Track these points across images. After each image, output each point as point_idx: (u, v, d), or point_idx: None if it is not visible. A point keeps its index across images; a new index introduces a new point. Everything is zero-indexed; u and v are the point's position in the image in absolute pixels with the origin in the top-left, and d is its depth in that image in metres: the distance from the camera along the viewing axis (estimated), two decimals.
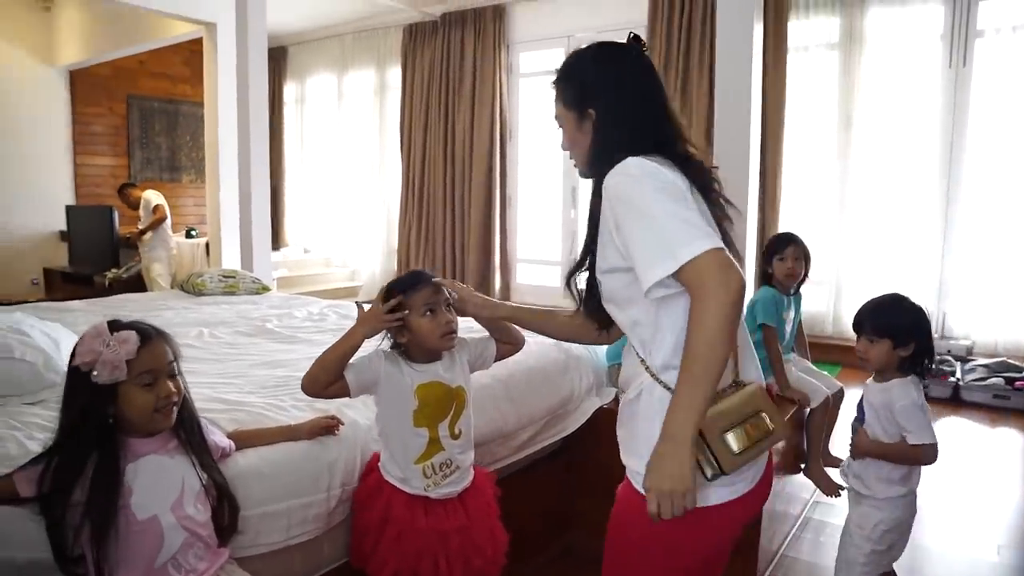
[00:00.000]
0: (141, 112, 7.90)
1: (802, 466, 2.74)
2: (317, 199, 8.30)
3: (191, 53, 7.46)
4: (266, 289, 4.02)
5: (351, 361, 1.75)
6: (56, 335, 2.34)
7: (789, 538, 2.64)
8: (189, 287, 3.87)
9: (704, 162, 1.35)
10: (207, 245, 6.21)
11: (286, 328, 3.04)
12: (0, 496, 1.38)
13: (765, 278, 2.82)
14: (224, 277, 3.91)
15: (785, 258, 2.75)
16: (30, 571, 1.30)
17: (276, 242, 8.34)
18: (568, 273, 1.49)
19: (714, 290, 1.12)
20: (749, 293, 2.99)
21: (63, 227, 7.14)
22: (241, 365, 2.50)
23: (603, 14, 5.85)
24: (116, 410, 1.38)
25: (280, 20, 7.14)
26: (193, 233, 7.17)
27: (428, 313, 1.74)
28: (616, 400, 2.68)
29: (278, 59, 8.32)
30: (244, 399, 2.05)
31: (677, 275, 1.15)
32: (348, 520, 1.84)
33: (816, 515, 2.86)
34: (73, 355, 1.38)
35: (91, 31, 6.82)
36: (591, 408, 2.56)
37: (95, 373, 1.33)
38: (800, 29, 5.25)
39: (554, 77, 1.43)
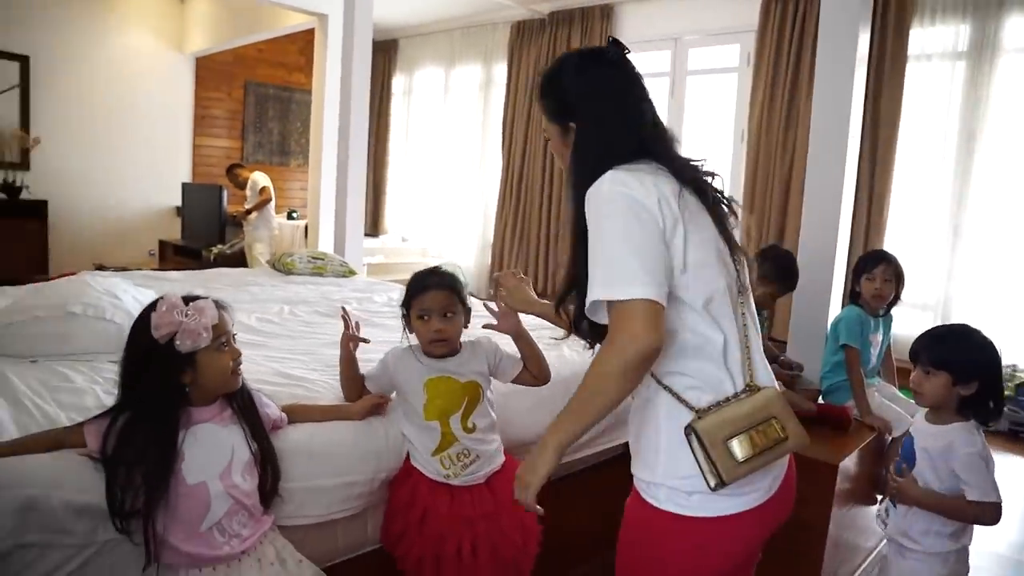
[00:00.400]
0: (257, 98, 8.23)
1: (878, 497, 2.57)
2: (419, 190, 8.42)
3: (306, 43, 7.73)
4: (352, 273, 4.11)
5: (369, 373, 1.91)
6: (145, 300, 2.45)
7: (858, 573, 2.48)
8: (280, 266, 4.00)
9: (697, 163, 1.30)
10: (306, 228, 6.41)
11: (363, 312, 3.09)
12: (70, 444, 1.46)
13: (852, 297, 2.67)
14: (313, 258, 4.03)
15: (874, 278, 2.59)
16: (86, 514, 1.37)
17: (376, 229, 8.56)
18: (558, 299, 1.45)
19: (622, 343, 1.12)
20: (835, 310, 2.84)
21: (179, 203, 7.53)
22: (312, 343, 2.55)
23: (713, 16, 5.69)
24: (191, 376, 1.45)
25: (393, 13, 7.29)
26: (294, 215, 7.44)
27: (423, 317, 1.81)
28: None
29: (389, 51, 8.49)
30: (307, 375, 2.10)
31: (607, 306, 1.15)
32: None
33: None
34: (143, 327, 1.43)
35: (217, 21, 7.17)
36: None
37: (178, 342, 1.40)
38: (922, 37, 4.91)
39: (538, 91, 1.39)
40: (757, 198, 5.44)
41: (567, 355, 2.42)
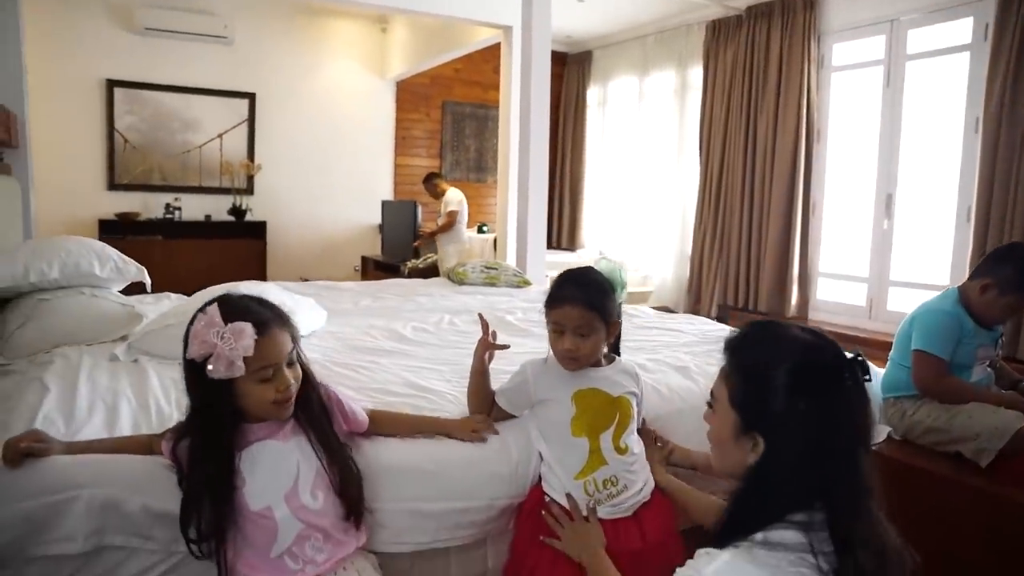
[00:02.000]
0: (454, 117, 8.44)
1: None
2: (616, 202, 8.24)
3: (499, 61, 7.80)
4: (526, 283, 3.97)
5: (502, 388, 1.72)
6: (292, 305, 2.43)
7: None
8: (453, 276, 3.94)
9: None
10: (495, 240, 6.42)
11: (524, 322, 2.92)
12: (157, 450, 1.39)
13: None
14: (486, 268, 3.93)
15: None
16: (166, 521, 1.32)
17: (572, 243, 8.48)
18: None
19: None
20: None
21: (380, 220, 7.86)
22: (459, 353, 2.41)
23: None
24: (232, 400, 1.33)
25: (586, 24, 7.18)
26: (484, 229, 7.51)
27: (557, 331, 1.64)
28: (889, 439, 2.17)
29: (583, 63, 8.41)
30: (436, 387, 1.95)
31: None
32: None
33: None
34: (186, 344, 1.32)
35: (414, 45, 7.45)
36: None
37: (210, 368, 1.26)
38: None
39: (729, 347, 1.21)
40: (996, 199, 4.65)
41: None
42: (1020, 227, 4.54)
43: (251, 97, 7.29)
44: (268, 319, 1.34)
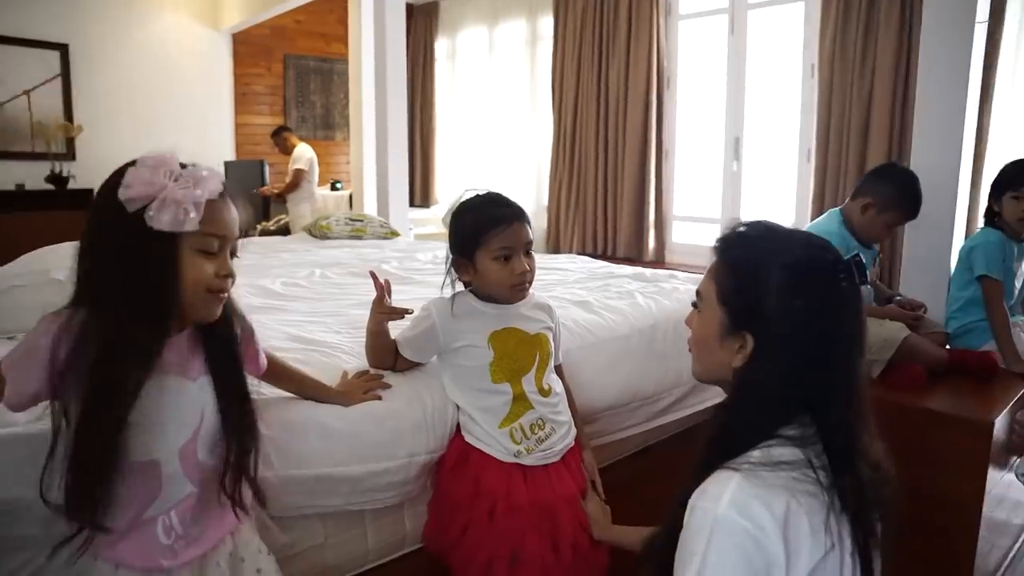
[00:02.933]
0: (297, 71, 7.99)
1: (1014, 459, 2.13)
2: (469, 157, 8.10)
3: (345, 12, 7.42)
4: (395, 234, 3.81)
5: (406, 336, 1.55)
6: None
7: (1011, 557, 2.06)
8: (316, 231, 3.72)
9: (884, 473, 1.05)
10: (351, 197, 6.17)
11: (403, 270, 2.78)
12: None
13: (988, 218, 2.23)
14: (351, 220, 3.74)
15: (1022, 196, 2.13)
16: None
17: (426, 200, 8.29)
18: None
19: None
20: (961, 234, 2.40)
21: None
22: (340, 304, 2.25)
23: None
24: (172, 272, 1.03)
25: None
26: (338, 186, 7.21)
27: (502, 259, 1.48)
28: None
29: (430, 15, 8.17)
30: (328, 339, 1.79)
31: None
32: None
33: None
34: (112, 188, 1.01)
35: None
36: None
37: (150, 213, 0.98)
38: None
39: (720, 246, 1.13)
40: (832, 139, 4.92)
41: (642, 303, 2.05)
42: (855, 165, 4.83)
43: (63, 49, 6.49)
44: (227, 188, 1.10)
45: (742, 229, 1.13)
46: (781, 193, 5.37)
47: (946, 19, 2.38)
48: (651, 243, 6.23)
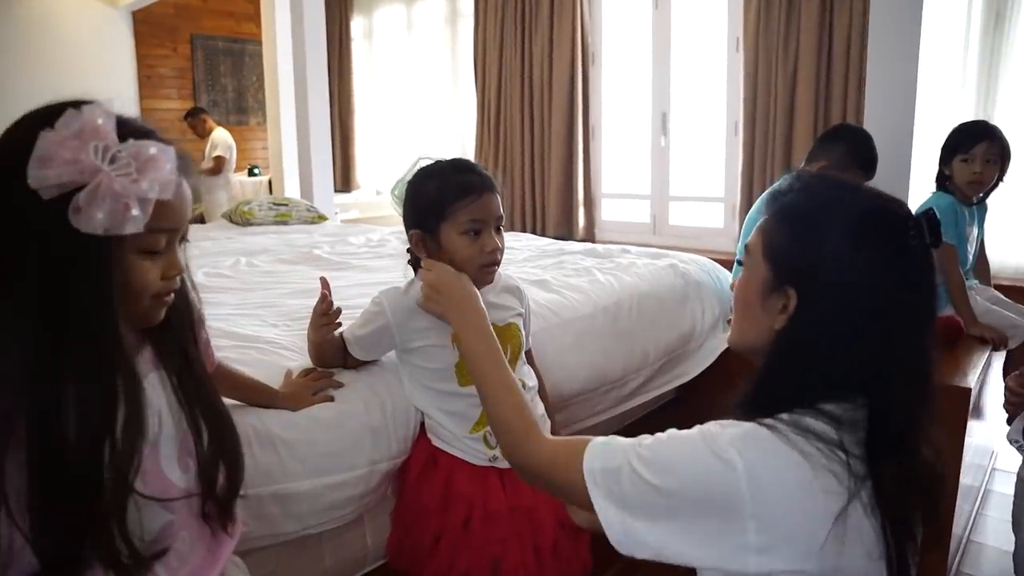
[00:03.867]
0: (206, 52, 7.59)
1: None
2: (390, 138, 7.87)
3: None
4: (323, 218, 3.61)
5: (355, 335, 1.36)
6: None
7: (972, 519, 2.05)
8: (237, 217, 3.49)
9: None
10: (270, 183, 5.90)
11: (336, 255, 2.62)
12: None
13: (940, 182, 2.20)
14: (275, 205, 3.53)
15: (973, 159, 2.11)
16: None
17: (348, 184, 8.03)
18: None
19: None
20: (914, 200, 2.37)
21: None
22: (272, 294, 2.07)
23: None
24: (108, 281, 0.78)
25: None
26: (256, 172, 6.89)
27: (471, 233, 1.30)
28: None
29: None
30: (263, 334, 1.61)
31: None
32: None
33: (997, 487, 2.25)
34: (17, 157, 0.75)
35: None
36: (717, 348, 2.04)
37: (77, 206, 0.72)
38: None
39: (772, 196, 1.00)
40: (759, 113, 4.93)
41: (603, 280, 1.94)
42: (782, 137, 4.86)
43: None
44: (184, 157, 0.86)
45: (799, 176, 1.00)
46: (710, 167, 5.37)
47: None
48: (581, 221, 6.16)
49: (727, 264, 2.65)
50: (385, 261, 2.39)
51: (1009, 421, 1.49)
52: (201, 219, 6.01)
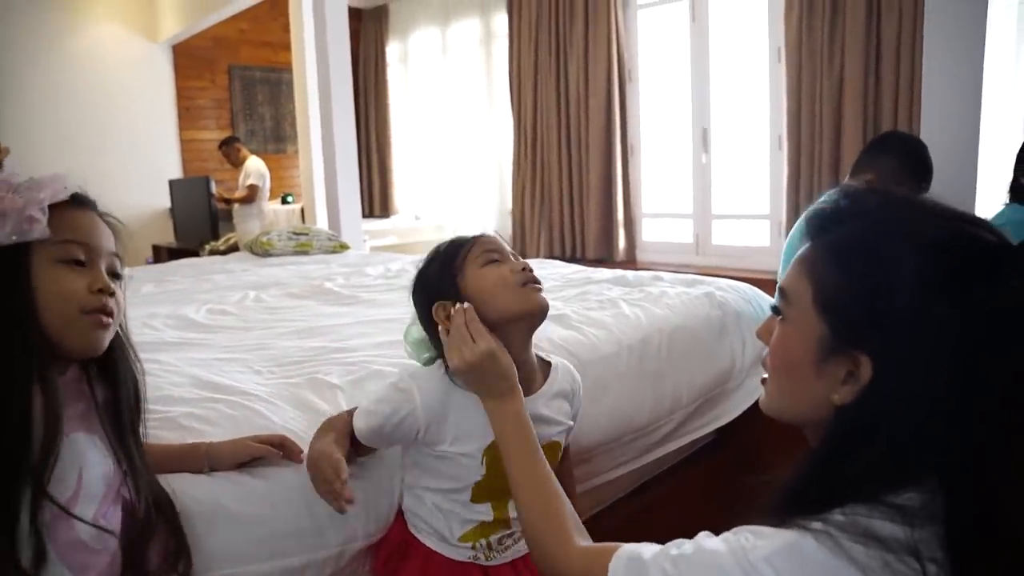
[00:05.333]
0: (243, 83, 7.64)
1: None
2: (427, 162, 7.83)
3: (289, 18, 7.12)
4: (344, 247, 3.49)
5: (370, 425, 1.14)
6: None
7: None
8: (257, 248, 3.39)
9: None
10: (302, 211, 5.86)
11: (347, 288, 2.48)
12: None
13: (1014, 192, 1.99)
14: (295, 235, 3.41)
15: None
16: None
17: (386, 210, 8.00)
18: None
19: None
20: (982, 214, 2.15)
21: (169, 203, 6.99)
22: (267, 334, 1.93)
23: None
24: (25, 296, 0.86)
25: None
26: (289, 199, 6.88)
27: (492, 263, 1.11)
28: None
29: (379, 18, 7.90)
30: (243, 383, 1.45)
31: None
32: None
33: None
34: None
35: (186, 1, 6.59)
36: (760, 387, 1.83)
37: None
38: None
39: (816, 223, 0.80)
40: (804, 125, 4.71)
41: (628, 314, 1.76)
42: (829, 150, 4.62)
43: None
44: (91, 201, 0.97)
45: (848, 196, 0.78)
46: (754, 183, 5.15)
47: None
48: (621, 242, 5.98)
49: (774, 287, 2.44)
50: (398, 294, 2.24)
51: None
52: (235, 249, 5.99)
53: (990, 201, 2.22)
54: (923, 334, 0.68)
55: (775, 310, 0.82)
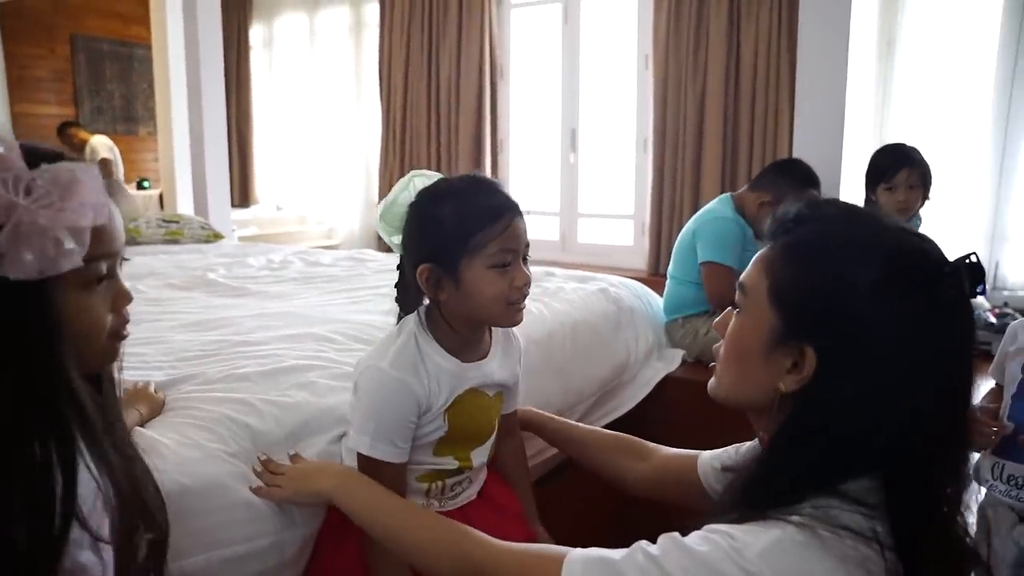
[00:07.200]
0: (89, 55, 7.09)
1: None
2: (290, 151, 7.58)
3: None
4: (218, 237, 3.35)
5: (376, 431, 1.11)
6: None
7: None
8: None
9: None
10: (160, 197, 5.53)
11: (234, 279, 2.38)
12: None
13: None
14: (165, 222, 3.24)
15: (895, 187, 2.10)
16: None
17: (246, 199, 7.67)
18: None
19: None
20: None
21: None
22: (158, 327, 1.83)
23: None
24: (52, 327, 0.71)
25: None
26: (146, 184, 6.47)
27: (499, 267, 1.09)
28: (684, 364, 2.06)
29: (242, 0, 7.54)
30: (142, 379, 1.37)
31: None
32: None
33: None
34: None
35: None
36: (653, 377, 1.93)
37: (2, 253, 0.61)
38: None
39: (777, 227, 0.86)
40: (668, 129, 4.95)
41: (532, 309, 1.81)
42: (692, 155, 4.88)
43: None
44: (114, 181, 0.76)
45: (810, 203, 0.84)
46: (619, 184, 5.36)
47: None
48: None
49: (647, 283, 2.58)
50: (287, 286, 2.18)
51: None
52: None
53: None
54: (866, 332, 0.75)
55: (733, 305, 0.88)
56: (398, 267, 1.18)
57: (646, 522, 0.91)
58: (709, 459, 1.10)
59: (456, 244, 1.09)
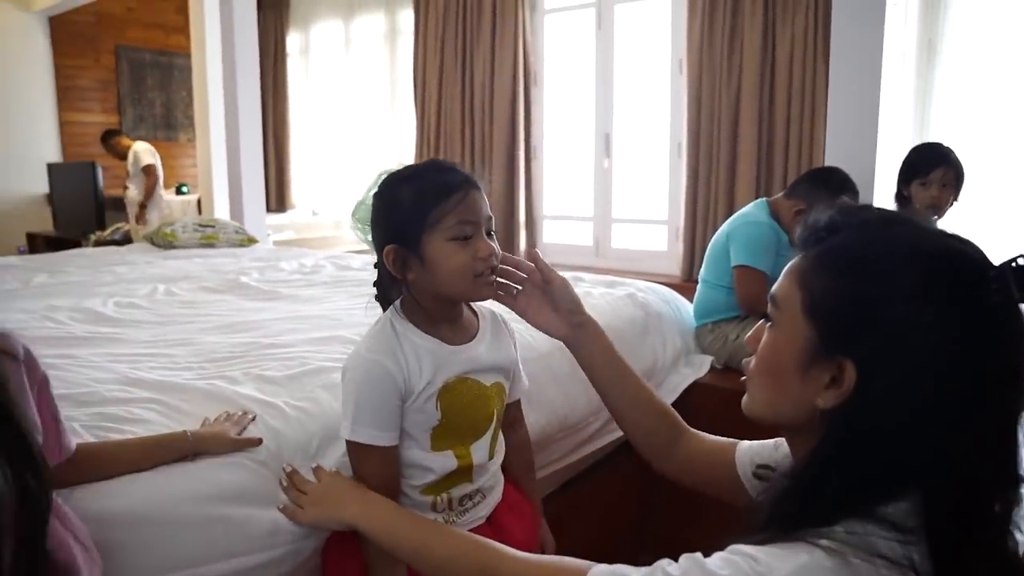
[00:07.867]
0: (131, 65, 7.26)
1: None
2: (326, 157, 7.66)
3: (184, 0, 6.82)
4: (252, 241, 3.39)
5: (362, 419, 1.11)
6: None
7: None
8: (159, 239, 3.24)
9: None
10: (199, 202, 5.62)
11: (265, 283, 2.41)
12: None
13: (899, 204, 2.15)
14: (201, 226, 3.29)
15: (929, 184, 2.05)
16: None
17: (282, 204, 7.78)
18: None
19: None
20: None
21: (47, 189, 6.57)
22: (189, 329, 1.86)
23: None
24: None
25: None
26: (185, 190, 6.58)
27: (460, 239, 1.09)
28: (712, 370, 2.04)
29: (279, 7, 7.66)
30: (171, 379, 1.40)
31: None
32: None
33: None
34: None
35: None
36: (679, 385, 1.90)
37: None
38: None
39: (809, 235, 0.81)
40: (703, 133, 4.90)
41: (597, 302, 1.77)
42: (726, 159, 4.83)
43: None
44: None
45: (843, 211, 0.80)
46: (654, 189, 5.32)
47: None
48: (522, 244, 6.05)
49: (679, 289, 2.55)
50: (318, 290, 2.20)
51: None
52: (127, 239, 5.69)
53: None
54: (907, 341, 0.71)
55: (765, 317, 0.85)
56: (375, 265, 1.18)
57: (666, 531, 0.89)
58: (748, 451, 1.07)
59: (415, 221, 1.11)
